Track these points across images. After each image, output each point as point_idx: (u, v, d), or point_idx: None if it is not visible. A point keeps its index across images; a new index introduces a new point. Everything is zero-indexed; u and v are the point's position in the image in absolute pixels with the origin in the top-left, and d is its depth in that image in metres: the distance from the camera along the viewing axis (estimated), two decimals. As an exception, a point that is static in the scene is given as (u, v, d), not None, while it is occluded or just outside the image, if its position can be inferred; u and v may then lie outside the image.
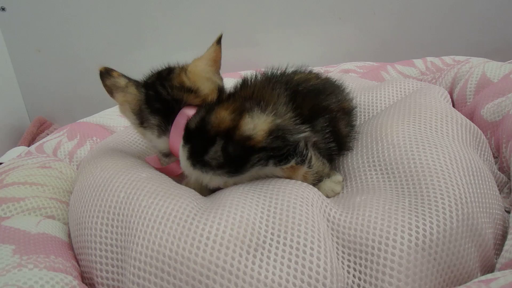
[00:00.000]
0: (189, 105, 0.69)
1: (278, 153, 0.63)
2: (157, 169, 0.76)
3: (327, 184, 0.69)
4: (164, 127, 0.70)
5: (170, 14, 1.57)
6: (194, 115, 0.67)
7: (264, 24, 1.63)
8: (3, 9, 1.51)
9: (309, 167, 0.66)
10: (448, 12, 1.64)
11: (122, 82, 0.71)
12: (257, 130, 0.61)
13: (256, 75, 0.75)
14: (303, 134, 0.65)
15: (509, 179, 0.76)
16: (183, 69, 0.72)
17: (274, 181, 0.65)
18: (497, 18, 1.65)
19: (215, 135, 0.62)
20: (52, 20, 1.54)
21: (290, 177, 0.67)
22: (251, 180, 0.68)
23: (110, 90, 0.72)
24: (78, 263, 0.62)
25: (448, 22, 1.66)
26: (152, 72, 0.75)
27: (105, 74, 0.70)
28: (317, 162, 0.67)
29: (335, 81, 0.85)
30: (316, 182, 0.68)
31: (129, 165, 0.70)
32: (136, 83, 0.72)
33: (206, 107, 0.67)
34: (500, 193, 0.73)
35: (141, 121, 0.72)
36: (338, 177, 0.71)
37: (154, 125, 0.71)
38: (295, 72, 0.82)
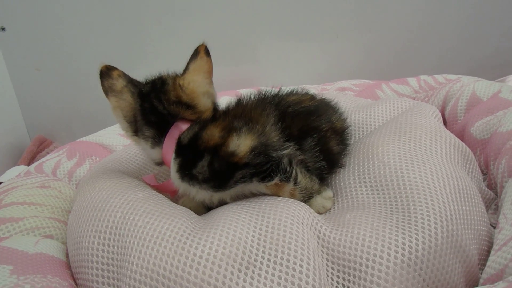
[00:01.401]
0: (183, 118, 0.70)
1: (261, 169, 0.64)
2: (154, 186, 0.77)
3: (318, 200, 0.70)
4: (158, 139, 0.70)
5: (169, 31, 1.60)
6: (187, 130, 0.68)
7: (263, 42, 1.66)
8: (3, 29, 1.53)
9: (295, 184, 0.67)
10: (443, 30, 1.67)
11: (118, 85, 0.70)
12: (241, 146, 0.63)
13: (251, 95, 0.77)
14: (286, 150, 0.66)
15: (497, 195, 0.77)
16: (176, 81, 0.70)
17: (266, 199, 0.67)
18: (490, 36, 1.69)
19: (204, 151, 0.64)
20: (51, 39, 1.57)
21: (276, 194, 0.68)
22: (238, 197, 0.70)
23: (106, 91, 0.71)
24: (75, 282, 0.63)
25: (443, 39, 1.69)
26: (146, 80, 0.74)
27: (105, 74, 0.70)
28: (304, 179, 0.68)
29: (329, 102, 0.87)
30: (306, 199, 0.69)
31: (127, 185, 0.72)
32: (133, 88, 0.71)
33: (200, 123, 0.68)
34: (488, 210, 0.74)
35: (135, 130, 0.72)
36: (328, 193, 0.72)
37: (149, 137, 0.71)
38: (289, 94, 0.83)
